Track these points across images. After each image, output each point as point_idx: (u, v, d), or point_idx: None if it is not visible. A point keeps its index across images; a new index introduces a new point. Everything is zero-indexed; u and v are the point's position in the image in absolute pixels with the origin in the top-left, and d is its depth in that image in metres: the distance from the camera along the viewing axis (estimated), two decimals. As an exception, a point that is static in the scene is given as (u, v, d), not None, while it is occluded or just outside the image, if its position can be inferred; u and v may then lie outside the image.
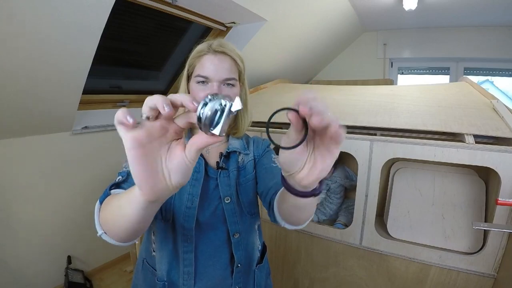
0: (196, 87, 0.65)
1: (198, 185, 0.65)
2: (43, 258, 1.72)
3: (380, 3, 2.39)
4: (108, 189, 0.54)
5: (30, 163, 1.59)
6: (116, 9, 1.18)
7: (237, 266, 0.70)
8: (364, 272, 1.26)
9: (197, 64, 0.66)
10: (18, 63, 1.14)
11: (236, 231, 0.69)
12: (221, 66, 0.64)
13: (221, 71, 0.64)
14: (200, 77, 0.64)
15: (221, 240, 0.69)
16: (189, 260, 0.65)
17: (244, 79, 0.72)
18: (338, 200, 1.57)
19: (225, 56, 0.65)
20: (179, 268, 0.66)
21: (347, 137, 1.19)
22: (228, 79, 0.64)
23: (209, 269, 0.68)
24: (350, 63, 3.40)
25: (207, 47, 0.66)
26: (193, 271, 0.66)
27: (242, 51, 2.06)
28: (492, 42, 2.66)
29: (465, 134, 1.04)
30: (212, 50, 0.65)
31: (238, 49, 0.69)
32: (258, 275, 0.76)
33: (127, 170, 0.59)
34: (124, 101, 1.97)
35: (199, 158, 0.66)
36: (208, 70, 0.63)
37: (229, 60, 0.65)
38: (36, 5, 0.97)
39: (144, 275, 0.73)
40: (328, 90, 1.93)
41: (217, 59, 0.64)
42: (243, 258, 0.70)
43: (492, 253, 1.02)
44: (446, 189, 1.26)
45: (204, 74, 0.63)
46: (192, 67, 0.67)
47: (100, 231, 0.49)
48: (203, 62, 0.65)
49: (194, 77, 0.66)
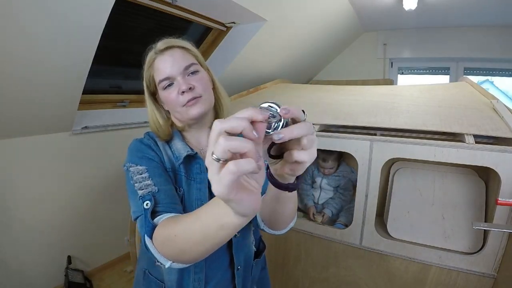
0: (165, 93, 0.63)
1: (204, 188, 0.64)
2: (43, 258, 1.72)
3: (380, 3, 2.39)
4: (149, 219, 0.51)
5: (30, 163, 1.59)
6: (116, 9, 1.18)
7: (237, 269, 0.68)
8: (364, 272, 1.26)
9: (153, 73, 0.64)
10: (18, 63, 1.13)
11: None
12: (174, 59, 0.62)
13: (177, 64, 0.62)
14: (163, 81, 0.62)
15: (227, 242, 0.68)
16: (200, 267, 0.64)
17: (204, 62, 0.69)
18: (349, 197, 1.57)
19: (172, 49, 0.64)
20: (189, 276, 0.64)
21: (347, 137, 1.19)
22: (187, 67, 0.63)
23: (216, 273, 0.67)
24: (350, 63, 3.40)
25: (153, 52, 0.64)
26: (204, 277, 0.64)
27: (242, 51, 2.08)
28: (492, 42, 2.66)
29: (465, 134, 1.04)
30: (158, 51, 0.63)
31: (238, 49, 0.69)
32: (254, 268, 0.75)
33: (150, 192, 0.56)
34: (124, 101, 1.97)
35: (199, 159, 0.65)
36: (164, 70, 0.62)
37: (179, 50, 0.64)
38: (36, 5, 0.97)
39: (147, 286, 0.70)
40: (328, 90, 1.93)
41: (167, 56, 0.63)
42: (242, 259, 0.69)
43: (492, 253, 1.02)
44: (446, 189, 1.26)
45: (164, 76, 0.62)
46: (151, 80, 0.65)
47: (167, 263, 0.47)
48: (157, 66, 0.63)
49: (158, 86, 0.64)
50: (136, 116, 2.00)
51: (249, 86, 2.21)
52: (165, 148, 0.66)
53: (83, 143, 1.80)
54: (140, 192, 0.55)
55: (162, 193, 0.56)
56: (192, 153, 0.64)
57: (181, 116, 0.65)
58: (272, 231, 0.62)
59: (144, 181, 0.57)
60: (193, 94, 0.62)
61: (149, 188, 0.56)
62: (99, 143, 1.87)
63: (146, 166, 0.60)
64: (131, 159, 0.62)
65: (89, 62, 1.32)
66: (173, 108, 0.65)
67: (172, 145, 0.67)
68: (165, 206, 0.55)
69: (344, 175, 1.58)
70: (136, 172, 0.59)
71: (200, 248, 0.43)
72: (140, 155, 0.62)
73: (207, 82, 0.66)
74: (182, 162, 0.64)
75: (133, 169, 0.59)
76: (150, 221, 0.51)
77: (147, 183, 0.57)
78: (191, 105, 0.62)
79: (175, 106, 0.63)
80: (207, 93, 0.65)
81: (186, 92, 0.61)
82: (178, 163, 0.64)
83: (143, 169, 0.59)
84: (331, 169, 1.57)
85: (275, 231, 0.61)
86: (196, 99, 0.63)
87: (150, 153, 0.63)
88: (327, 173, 1.58)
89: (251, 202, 0.31)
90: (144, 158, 0.62)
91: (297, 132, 0.32)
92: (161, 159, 0.64)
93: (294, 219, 0.61)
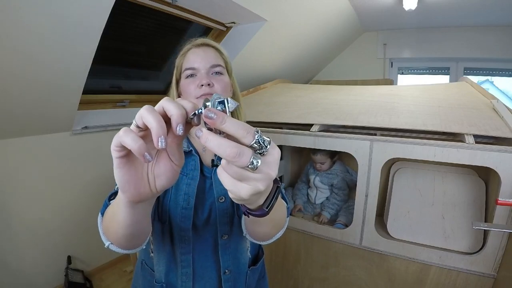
0: (185, 82, 0.66)
1: (194, 184, 0.64)
2: (43, 258, 1.72)
3: (380, 3, 2.39)
4: (108, 199, 0.54)
5: (30, 163, 1.59)
6: (116, 9, 1.18)
7: (225, 273, 0.67)
8: (364, 272, 1.26)
9: (183, 61, 0.68)
10: (18, 63, 1.13)
11: (225, 232, 0.66)
12: (205, 55, 0.67)
13: (206, 59, 0.66)
14: (188, 70, 0.66)
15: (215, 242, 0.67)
16: (187, 262, 0.64)
17: (231, 71, 0.73)
18: (344, 197, 1.57)
19: (208, 47, 0.69)
20: (177, 270, 0.65)
21: (347, 137, 1.19)
22: (214, 66, 0.66)
23: (207, 271, 0.67)
24: (350, 63, 3.40)
25: (190, 44, 0.69)
26: (192, 272, 0.65)
27: (242, 51, 2.08)
28: (492, 42, 2.66)
29: (465, 134, 1.04)
30: (195, 44, 0.69)
31: (238, 49, 0.70)
32: (250, 276, 0.74)
33: None
34: (124, 101, 1.97)
35: (194, 156, 0.65)
36: (194, 61, 0.66)
37: (213, 50, 0.69)
38: (36, 6, 0.97)
39: (143, 276, 0.72)
40: (328, 90, 1.93)
41: (200, 50, 0.67)
42: (230, 263, 0.68)
43: (492, 253, 1.02)
44: (446, 189, 1.26)
45: (190, 66, 0.66)
46: (179, 67, 0.69)
47: (106, 242, 0.50)
48: (188, 56, 0.67)
49: (183, 73, 0.68)
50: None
51: (249, 86, 2.21)
52: None
53: (83, 143, 1.80)
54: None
55: None
56: (187, 149, 0.65)
57: None
58: (255, 241, 0.61)
59: None
60: (210, 90, 0.64)
61: None
62: (99, 143, 1.87)
63: None
64: None
65: (89, 62, 1.32)
66: (187, 98, 0.66)
67: None
68: None
69: (337, 173, 1.58)
70: None
71: (111, 225, 0.45)
72: None
73: (227, 86, 0.68)
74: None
75: None
76: (107, 200, 0.54)
77: None
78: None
79: (189, 97, 0.65)
80: (224, 95, 0.66)
81: (204, 86, 0.64)
82: None
83: None
84: (322, 164, 1.57)
85: (258, 241, 0.61)
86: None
87: None
88: (318, 168, 1.58)
89: (125, 178, 0.33)
90: None
91: (216, 144, 0.28)
92: None
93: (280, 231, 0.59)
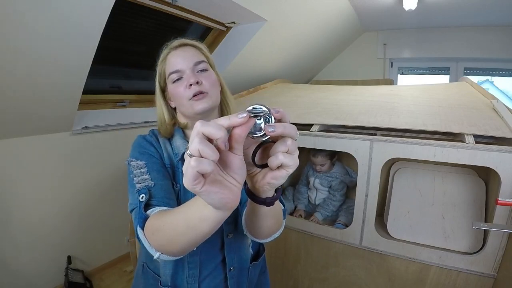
0: (173, 87, 0.66)
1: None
2: (43, 258, 1.71)
3: (380, 3, 2.39)
4: (142, 211, 0.53)
5: (30, 163, 1.59)
6: (116, 9, 1.18)
7: (230, 270, 0.68)
8: (364, 272, 1.26)
9: (165, 67, 0.67)
10: (18, 63, 1.13)
11: (230, 231, 0.67)
12: (186, 55, 0.66)
13: (188, 58, 0.65)
14: (173, 74, 0.65)
15: (221, 241, 0.68)
16: (195, 263, 0.64)
17: (214, 65, 0.72)
18: (341, 198, 1.57)
19: (186, 46, 0.68)
20: (184, 271, 0.65)
21: (348, 137, 1.19)
22: (197, 63, 0.66)
23: (213, 270, 0.67)
24: (350, 63, 3.40)
25: (168, 48, 0.68)
26: (198, 274, 0.65)
27: (242, 51, 2.08)
28: (492, 42, 2.66)
29: (465, 134, 1.04)
30: (173, 47, 0.67)
31: (238, 49, 0.70)
32: (252, 271, 0.75)
33: (146, 186, 0.57)
34: (124, 101, 1.97)
35: None
36: (176, 63, 0.65)
37: (192, 48, 0.68)
38: (36, 6, 0.97)
39: (145, 279, 0.71)
40: (328, 90, 1.93)
41: (180, 51, 0.67)
42: (235, 261, 0.69)
43: (492, 253, 1.02)
44: (446, 189, 1.26)
45: (174, 69, 0.65)
46: (162, 73, 0.69)
47: (156, 254, 0.49)
48: (169, 60, 0.66)
49: (168, 79, 0.67)
50: (136, 116, 2.00)
51: (249, 86, 2.21)
52: (165, 145, 0.68)
53: (83, 143, 1.80)
54: (138, 186, 0.58)
55: (158, 188, 0.58)
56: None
57: (186, 110, 0.66)
58: (254, 239, 0.62)
59: (142, 175, 0.60)
60: (200, 88, 0.64)
61: (146, 182, 0.58)
62: (99, 143, 1.87)
63: (146, 162, 0.62)
64: (133, 154, 0.64)
65: (89, 62, 1.32)
66: (180, 101, 0.66)
67: (173, 142, 0.69)
68: (159, 200, 0.57)
69: (337, 176, 1.57)
70: (136, 166, 0.61)
71: (184, 238, 0.44)
72: (142, 150, 0.65)
73: (215, 81, 0.68)
74: (181, 158, 0.65)
75: (133, 164, 0.62)
76: (143, 212, 0.53)
77: (145, 177, 0.59)
78: (197, 100, 0.64)
79: (182, 99, 0.65)
80: (214, 91, 0.67)
81: (193, 85, 0.63)
82: (177, 159, 0.66)
83: (142, 164, 0.62)
84: (322, 166, 1.56)
85: (257, 239, 0.62)
86: (203, 94, 0.64)
87: (151, 149, 0.65)
88: (318, 170, 1.58)
89: (220, 196, 0.33)
90: (145, 154, 0.64)
91: (289, 130, 0.34)
92: (161, 155, 0.66)
93: (279, 230, 0.61)
